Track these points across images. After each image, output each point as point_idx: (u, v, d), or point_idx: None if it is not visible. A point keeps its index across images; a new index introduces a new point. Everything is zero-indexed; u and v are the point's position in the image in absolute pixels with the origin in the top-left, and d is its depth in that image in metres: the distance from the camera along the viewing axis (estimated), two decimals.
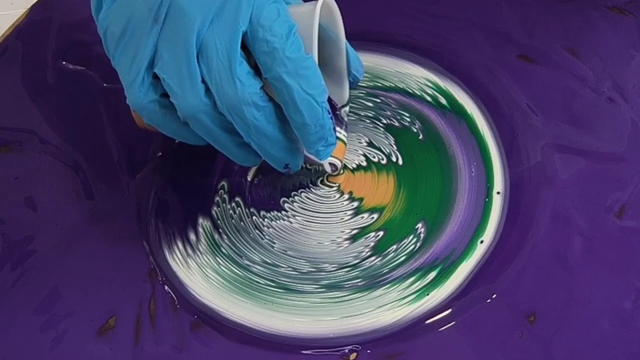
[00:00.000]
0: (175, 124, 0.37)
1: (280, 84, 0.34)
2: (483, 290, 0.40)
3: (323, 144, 0.37)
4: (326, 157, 0.38)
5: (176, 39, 0.34)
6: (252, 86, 0.34)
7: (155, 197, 0.44)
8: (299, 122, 0.35)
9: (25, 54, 0.50)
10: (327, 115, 0.36)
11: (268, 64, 0.34)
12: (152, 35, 0.35)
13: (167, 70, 0.35)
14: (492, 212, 0.42)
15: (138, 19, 0.35)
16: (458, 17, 0.50)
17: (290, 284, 0.41)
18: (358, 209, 0.43)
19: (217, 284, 0.41)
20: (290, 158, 0.38)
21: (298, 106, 0.34)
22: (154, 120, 0.37)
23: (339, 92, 0.42)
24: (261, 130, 0.35)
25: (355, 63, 0.41)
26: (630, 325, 0.38)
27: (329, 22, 0.39)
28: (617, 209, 0.42)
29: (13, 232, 0.43)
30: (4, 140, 0.47)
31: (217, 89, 0.34)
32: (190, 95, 0.35)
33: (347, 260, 0.42)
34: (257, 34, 0.34)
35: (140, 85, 0.35)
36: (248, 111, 0.34)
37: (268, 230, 0.43)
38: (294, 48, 0.34)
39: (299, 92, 0.34)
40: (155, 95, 0.36)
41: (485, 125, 0.45)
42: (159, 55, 0.35)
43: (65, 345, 0.40)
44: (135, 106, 0.36)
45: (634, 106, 0.45)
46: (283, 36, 0.34)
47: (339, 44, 0.40)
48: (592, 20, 0.49)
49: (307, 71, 0.34)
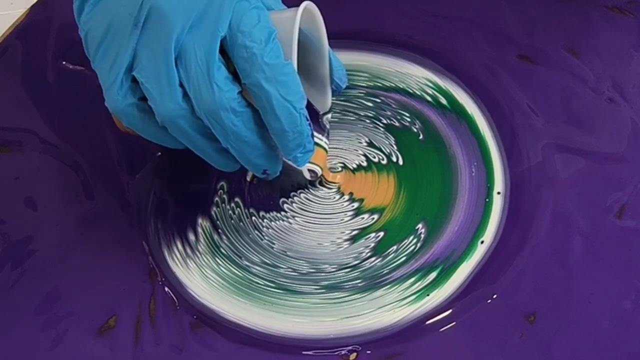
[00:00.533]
0: (153, 128, 0.37)
1: (259, 90, 0.34)
2: (483, 291, 0.40)
3: (301, 151, 0.36)
4: (304, 164, 0.38)
5: (155, 43, 0.34)
6: (230, 91, 0.34)
7: (155, 197, 0.44)
8: (277, 129, 0.35)
9: (25, 54, 0.50)
10: (305, 122, 0.35)
11: (247, 70, 0.34)
12: (132, 39, 0.34)
13: (145, 74, 0.35)
14: (492, 213, 0.42)
15: (119, 23, 0.35)
16: (458, 17, 0.50)
17: (289, 285, 0.41)
18: (358, 210, 0.43)
19: (217, 284, 0.41)
20: (269, 164, 0.37)
21: (276, 112, 0.34)
22: (132, 123, 0.37)
23: (321, 100, 0.42)
24: (239, 135, 0.35)
25: (338, 71, 0.41)
26: (630, 325, 0.38)
27: (311, 28, 0.39)
28: (617, 209, 0.42)
29: (13, 232, 0.43)
30: (4, 140, 0.47)
31: (195, 94, 0.34)
32: (168, 99, 0.35)
33: (347, 261, 0.42)
34: (237, 40, 0.34)
35: (119, 89, 0.35)
36: (226, 116, 0.34)
37: (267, 231, 0.43)
38: (272, 54, 0.34)
39: (277, 98, 0.34)
40: (133, 98, 0.36)
41: (486, 125, 0.45)
42: (138, 59, 0.35)
43: (65, 345, 0.39)
44: (113, 109, 0.36)
45: (634, 106, 0.45)
46: (262, 42, 0.34)
47: (321, 51, 0.40)
48: (592, 20, 0.49)
49: (286, 77, 0.34)
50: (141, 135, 0.38)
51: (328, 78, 0.41)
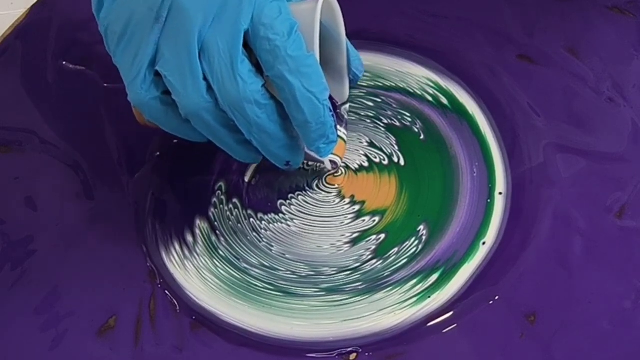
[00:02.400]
0: (176, 121, 0.37)
1: (282, 82, 0.34)
2: (485, 292, 0.40)
3: (324, 142, 0.37)
4: (327, 155, 0.38)
5: (178, 37, 0.34)
6: (254, 84, 0.35)
7: (153, 197, 0.44)
8: (301, 120, 0.35)
9: (25, 54, 0.50)
10: (328, 112, 0.36)
11: (270, 62, 0.34)
12: (153, 34, 0.35)
13: (169, 68, 0.35)
14: (494, 213, 0.42)
15: (139, 17, 0.35)
16: (458, 17, 0.50)
17: (289, 288, 0.41)
18: (359, 212, 0.43)
19: (215, 286, 0.41)
20: (291, 155, 0.38)
21: (299, 104, 0.35)
22: (155, 117, 0.37)
23: (339, 90, 0.42)
24: (263, 127, 0.35)
25: (355, 61, 0.42)
26: (630, 325, 0.38)
27: (329, 19, 0.39)
28: (617, 209, 0.42)
29: (13, 232, 0.43)
30: (4, 140, 0.47)
31: (219, 87, 0.35)
32: (192, 92, 0.35)
33: (348, 264, 0.41)
34: (259, 32, 0.34)
35: (142, 83, 0.36)
36: (250, 109, 0.35)
37: (266, 233, 0.43)
38: (295, 46, 0.34)
39: (300, 90, 0.34)
40: (156, 92, 0.36)
41: (487, 125, 0.45)
42: (160, 53, 0.35)
43: (65, 345, 0.39)
44: (136, 103, 0.37)
45: (634, 106, 0.45)
46: (285, 34, 0.34)
47: (339, 42, 0.40)
48: (592, 20, 0.49)
49: (309, 69, 0.34)
50: (163, 128, 0.38)
51: (346, 68, 0.41)
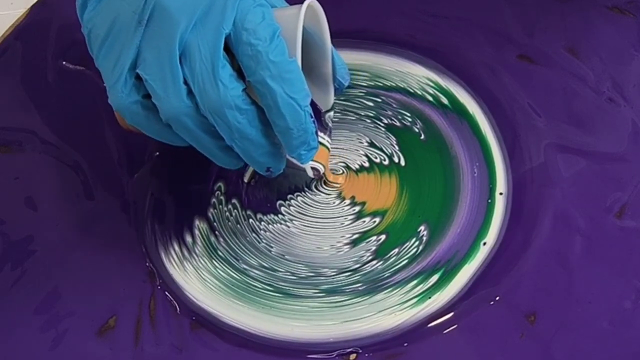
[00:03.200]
0: (157, 125, 0.37)
1: (264, 87, 0.34)
2: (486, 293, 0.40)
3: (305, 148, 0.37)
4: (307, 161, 0.38)
5: (159, 40, 0.34)
6: (235, 89, 0.34)
7: (152, 198, 0.44)
8: (282, 126, 0.35)
9: (25, 54, 0.50)
10: (309, 119, 0.35)
11: (252, 67, 0.34)
12: (136, 37, 0.35)
13: (149, 72, 0.35)
14: (494, 214, 0.42)
15: (122, 20, 0.35)
16: (458, 16, 0.50)
17: (288, 289, 0.41)
18: (360, 213, 0.43)
19: (214, 287, 0.41)
20: (273, 162, 0.37)
21: (281, 110, 0.34)
22: (136, 121, 0.37)
23: (323, 98, 0.42)
24: (244, 133, 0.35)
25: (340, 69, 0.41)
26: (630, 325, 0.38)
27: (314, 26, 0.39)
28: (617, 209, 0.42)
29: (13, 232, 0.43)
30: (4, 140, 0.47)
31: (200, 92, 0.34)
32: (173, 97, 0.35)
33: (348, 265, 0.41)
34: (241, 37, 0.34)
35: (123, 86, 0.35)
36: (230, 114, 0.34)
37: (265, 234, 0.43)
38: (277, 51, 0.34)
39: (282, 95, 0.34)
40: (137, 96, 0.36)
41: (487, 125, 0.45)
42: (142, 56, 0.35)
43: (65, 345, 0.39)
44: (117, 107, 0.36)
45: (634, 106, 0.45)
46: (267, 39, 0.34)
47: (324, 49, 0.40)
48: (592, 20, 0.49)
49: (291, 75, 0.34)
50: (144, 132, 0.38)
51: (331, 76, 0.41)
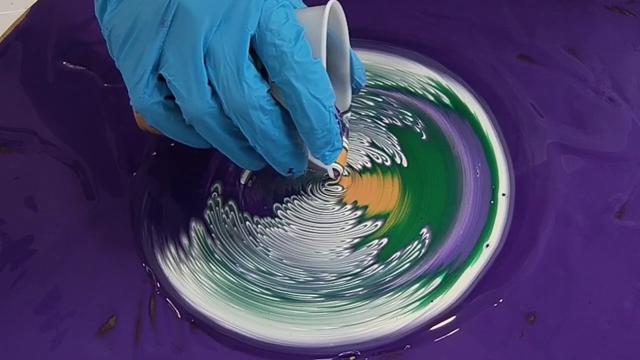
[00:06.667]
0: (178, 126, 0.37)
1: (289, 88, 0.34)
2: (489, 295, 0.39)
3: (329, 149, 0.36)
4: (332, 162, 0.38)
5: (183, 41, 0.34)
6: (260, 90, 0.34)
7: (149, 199, 0.44)
8: (306, 127, 0.35)
9: (25, 54, 0.50)
10: (334, 120, 0.35)
11: (276, 68, 0.34)
12: (158, 38, 0.35)
13: (173, 73, 0.35)
14: (497, 215, 0.42)
15: (144, 21, 0.35)
16: (459, 16, 0.50)
17: (286, 293, 0.40)
18: (362, 217, 0.42)
19: (211, 291, 0.41)
20: (295, 163, 0.37)
21: (306, 110, 0.34)
22: (157, 122, 0.37)
23: (341, 99, 0.42)
24: (267, 134, 0.35)
25: (358, 70, 0.41)
26: (630, 325, 0.38)
27: (334, 27, 0.39)
28: (617, 209, 0.42)
29: (13, 232, 0.43)
30: (4, 140, 0.47)
31: (224, 92, 0.34)
32: (197, 97, 0.35)
33: (348, 269, 0.41)
34: (266, 38, 0.34)
35: (145, 87, 0.35)
36: (255, 115, 0.34)
37: (262, 238, 0.42)
38: (302, 52, 0.34)
39: (307, 96, 0.34)
40: (159, 97, 0.36)
41: (489, 125, 0.45)
42: (165, 57, 0.35)
43: (65, 345, 0.39)
44: (139, 108, 0.36)
45: (634, 106, 0.45)
46: (292, 40, 0.34)
47: (343, 50, 0.40)
48: (593, 20, 0.49)
49: (315, 75, 0.34)
50: (165, 134, 0.38)
51: (349, 77, 0.41)
